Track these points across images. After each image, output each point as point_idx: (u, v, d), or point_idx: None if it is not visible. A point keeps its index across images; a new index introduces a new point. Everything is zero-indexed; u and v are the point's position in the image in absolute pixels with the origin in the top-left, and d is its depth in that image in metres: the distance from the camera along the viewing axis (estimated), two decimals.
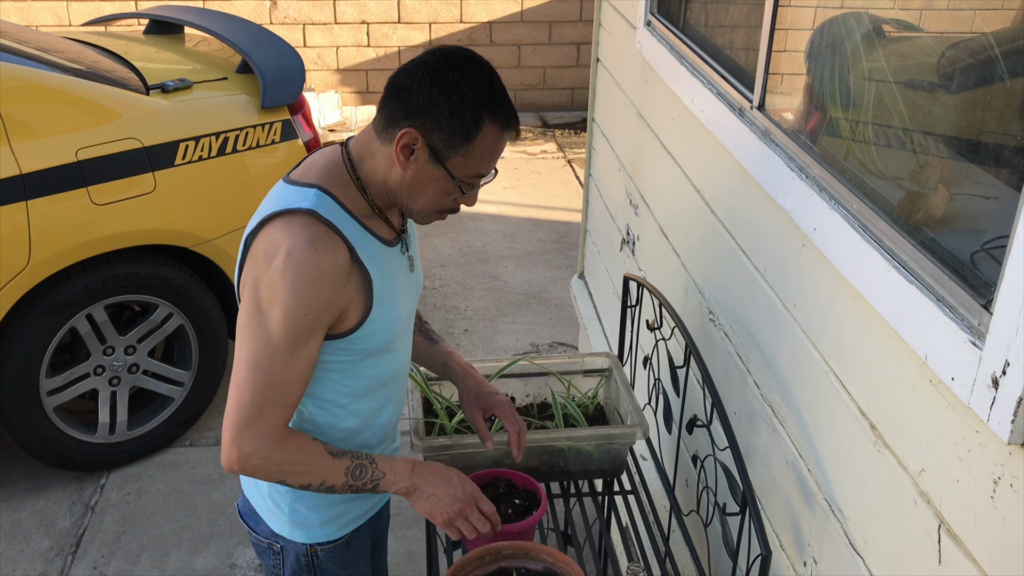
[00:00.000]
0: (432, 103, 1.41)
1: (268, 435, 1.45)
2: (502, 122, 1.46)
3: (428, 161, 1.45)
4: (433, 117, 1.42)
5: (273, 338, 1.43)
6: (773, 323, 1.70)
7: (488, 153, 1.47)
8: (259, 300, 1.43)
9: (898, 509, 1.26)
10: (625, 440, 1.93)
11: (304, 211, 1.44)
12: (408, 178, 1.47)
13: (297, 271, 1.41)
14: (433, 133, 1.43)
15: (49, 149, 2.88)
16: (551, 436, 1.90)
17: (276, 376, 1.44)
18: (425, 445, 1.83)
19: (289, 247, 1.41)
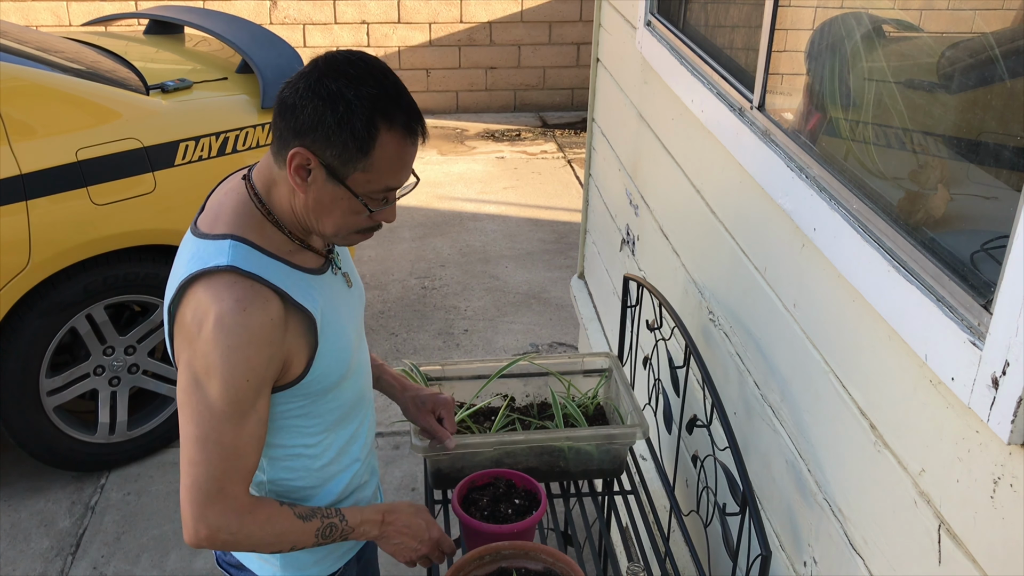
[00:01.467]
0: (318, 117, 1.28)
1: (234, 508, 1.37)
2: (401, 127, 1.31)
3: (327, 181, 1.32)
4: (321, 132, 1.28)
5: (217, 411, 1.34)
6: (773, 323, 1.70)
7: (393, 164, 1.33)
8: (195, 373, 1.33)
9: (898, 509, 1.26)
10: (625, 440, 1.93)
11: (224, 268, 1.32)
12: (311, 201, 1.35)
13: (229, 338, 1.31)
14: (325, 150, 1.29)
15: (49, 149, 2.88)
16: (551, 436, 1.90)
17: (228, 448, 1.36)
18: (425, 445, 1.83)
19: (216, 313, 1.31)
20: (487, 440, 1.89)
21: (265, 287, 1.34)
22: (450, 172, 6.40)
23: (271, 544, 1.43)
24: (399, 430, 3.60)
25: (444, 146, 6.96)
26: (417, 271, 4.93)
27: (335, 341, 1.45)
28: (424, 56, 7.54)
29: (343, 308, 1.51)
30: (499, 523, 1.77)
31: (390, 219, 1.42)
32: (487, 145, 7.00)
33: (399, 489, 3.26)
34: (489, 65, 7.67)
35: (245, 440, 1.37)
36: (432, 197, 5.95)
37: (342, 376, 1.50)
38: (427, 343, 4.23)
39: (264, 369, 1.35)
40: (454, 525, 2.53)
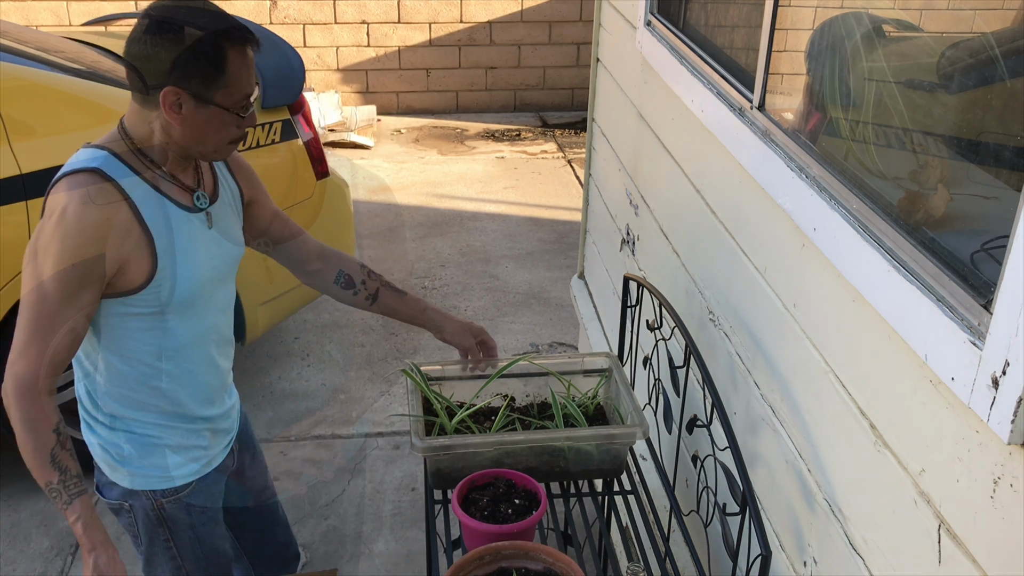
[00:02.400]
0: (174, 58, 1.50)
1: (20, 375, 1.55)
2: (238, 40, 1.54)
3: (197, 107, 1.54)
4: (180, 69, 1.50)
5: (44, 284, 1.53)
6: (773, 323, 1.70)
7: (242, 73, 1.56)
8: (36, 248, 1.54)
9: (898, 509, 1.26)
10: (625, 440, 1.93)
11: (89, 169, 1.55)
12: (188, 129, 1.56)
13: (67, 225, 1.51)
14: (189, 81, 1.51)
15: (49, 149, 2.88)
16: (551, 436, 1.90)
17: (45, 320, 1.53)
18: (425, 445, 1.83)
19: (64, 204, 1.52)
20: (487, 440, 1.89)
21: (118, 193, 1.56)
22: (450, 172, 6.40)
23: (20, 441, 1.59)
24: (399, 430, 3.61)
25: (444, 146, 6.96)
26: (417, 271, 4.93)
27: (181, 269, 1.64)
28: (424, 56, 7.54)
29: (200, 245, 1.68)
30: (499, 523, 1.77)
31: (254, 123, 1.65)
32: (487, 145, 7.00)
33: (399, 489, 3.26)
34: (489, 65, 7.67)
35: (61, 321, 1.54)
36: (432, 197, 5.95)
37: (186, 301, 1.67)
38: (427, 343, 4.23)
39: (93, 261, 1.54)
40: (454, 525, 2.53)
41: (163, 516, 1.80)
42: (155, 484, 1.77)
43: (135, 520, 1.82)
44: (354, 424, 3.65)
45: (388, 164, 6.55)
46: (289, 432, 3.58)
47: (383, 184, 6.17)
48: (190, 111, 1.54)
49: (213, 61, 1.52)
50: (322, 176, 3.59)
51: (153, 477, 1.77)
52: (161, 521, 1.80)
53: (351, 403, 3.78)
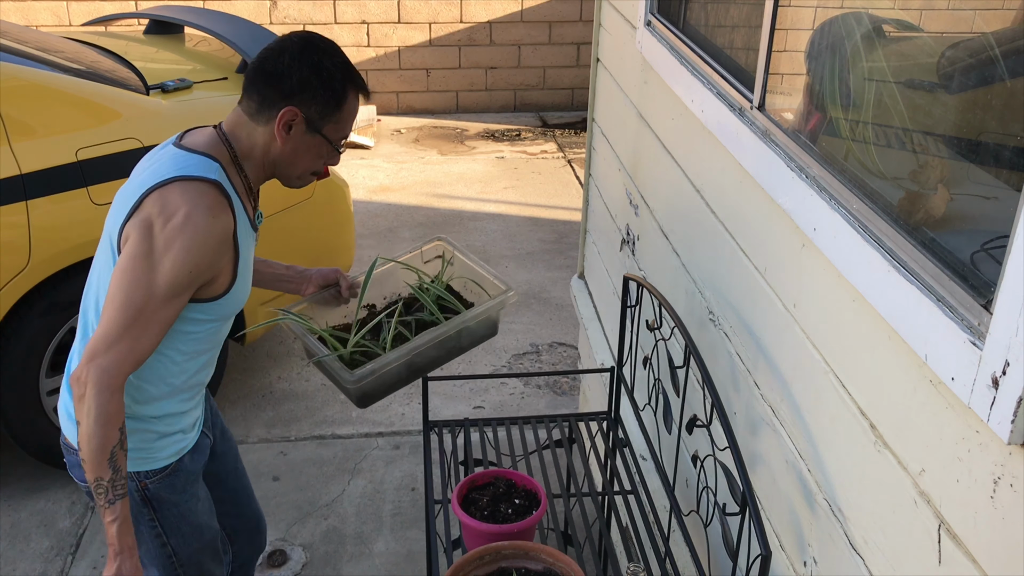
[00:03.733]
0: (305, 82, 1.64)
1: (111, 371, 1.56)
2: (361, 89, 1.74)
3: (306, 132, 1.68)
4: (308, 94, 1.65)
5: (155, 285, 1.58)
6: (773, 323, 1.70)
7: (351, 116, 1.74)
8: (151, 247, 1.58)
9: (898, 509, 1.26)
10: (503, 307, 2.18)
11: (207, 180, 1.62)
12: (288, 149, 1.69)
13: (195, 233, 1.58)
14: (309, 107, 1.66)
15: (49, 149, 2.88)
16: (449, 327, 2.06)
17: (143, 319, 1.58)
18: (356, 377, 1.90)
19: (189, 210, 1.59)
20: (400, 353, 1.98)
21: (230, 210, 1.65)
22: (450, 172, 6.40)
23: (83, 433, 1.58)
24: (399, 430, 3.61)
25: (444, 146, 6.96)
26: None
27: (243, 282, 1.75)
28: (424, 56, 7.55)
29: (250, 259, 1.80)
30: (499, 523, 1.77)
31: (336, 163, 1.80)
32: (487, 145, 7.00)
33: (399, 489, 3.26)
34: (489, 65, 7.67)
35: (156, 322, 1.60)
36: (432, 197, 5.95)
37: (235, 312, 1.79)
38: None
39: (203, 271, 1.63)
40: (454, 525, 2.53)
41: (147, 496, 1.82)
42: (140, 465, 1.79)
43: None
44: (354, 424, 3.65)
45: (388, 164, 6.55)
46: (289, 432, 3.58)
47: (383, 184, 6.17)
48: (299, 134, 1.68)
49: (337, 96, 1.68)
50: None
51: (138, 459, 1.79)
52: (145, 501, 1.82)
53: (351, 403, 3.78)
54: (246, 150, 1.70)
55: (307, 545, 2.98)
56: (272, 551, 2.94)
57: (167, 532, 1.87)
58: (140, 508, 1.82)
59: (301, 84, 1.64)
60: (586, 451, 2.35)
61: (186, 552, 1.91)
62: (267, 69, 1.66)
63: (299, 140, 1.69)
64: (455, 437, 2.39)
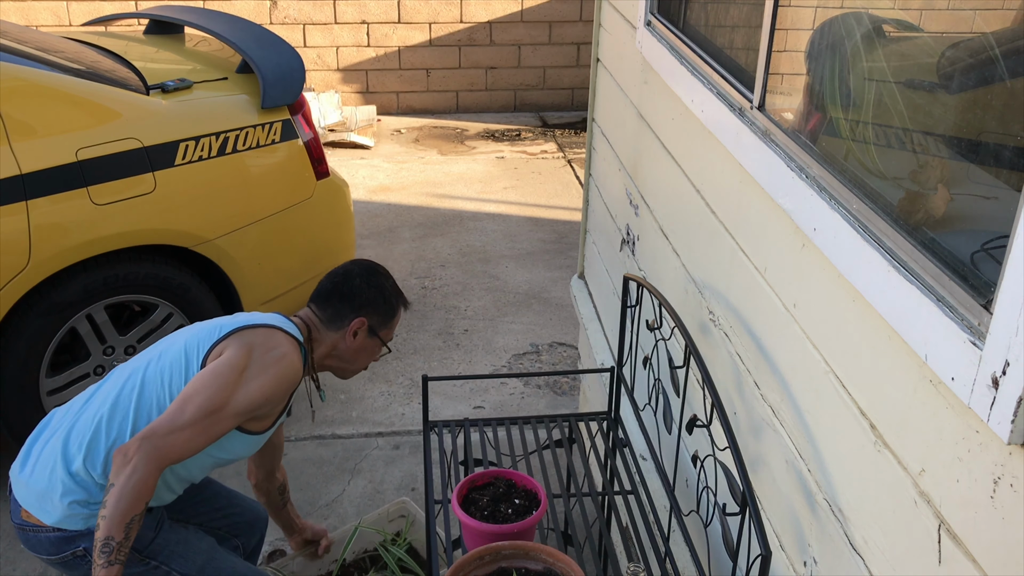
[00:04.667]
0: (372, 300, 2.12)
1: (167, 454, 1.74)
2: (405, 305, 2.23)
3: (367, 336, 2.13)
4: (373, 308, 2.13)
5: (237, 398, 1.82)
6: (773, 323, 1.70)
7: (397, 324, 2.23)
8: (247, 365, 1.85)
9: (898, 509, 1.26)
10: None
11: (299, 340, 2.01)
12: (353, 349, 2.13)
13: (285, 371, 1.90)
14: (373, 317, 2.13)
15: (49, 149, 2.88)
16: None
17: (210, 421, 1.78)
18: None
19: (286, 351, 1.93)
20: None
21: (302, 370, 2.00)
22: (450, 172, 6.40)
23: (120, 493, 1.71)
24: (399, 429, 3.61)
25: (444, 146, 6.96)
26: (417, 271, 4.93)
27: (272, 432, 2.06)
28: (424, 56, 7.54)
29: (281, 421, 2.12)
30: (499, 523, 1.77)
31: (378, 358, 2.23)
32: (487, 145, 7.00)
33: (399, 489, 3.26)
34: (489, 65, 7.67)
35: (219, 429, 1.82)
36: (432, 197, 5.95)
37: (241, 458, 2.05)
38: (427, 343, 4.23)
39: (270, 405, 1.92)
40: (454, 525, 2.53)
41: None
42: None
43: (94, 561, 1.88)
44: (354, 424, 3.65)
45: (388, 164, 6.55)
46: (289, 432, 3.58)
47: (383, 184, 6.17)
48: (362, 337, 2.12)
49: (391, 310, 2.16)
50: (322, 176, 3.59)
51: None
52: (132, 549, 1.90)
53: (351, 403, 3.78)
54: (315, 341, 2.09)
55: None
56: (272, 551, 2.94)
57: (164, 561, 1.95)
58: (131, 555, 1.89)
59: (369, 301, 2.11)
60: (586, 451, 2.35)
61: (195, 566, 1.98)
62: (342, 291, 2.10)
63: (362, 342, 2.12)
64: (455, 437, 2.39)
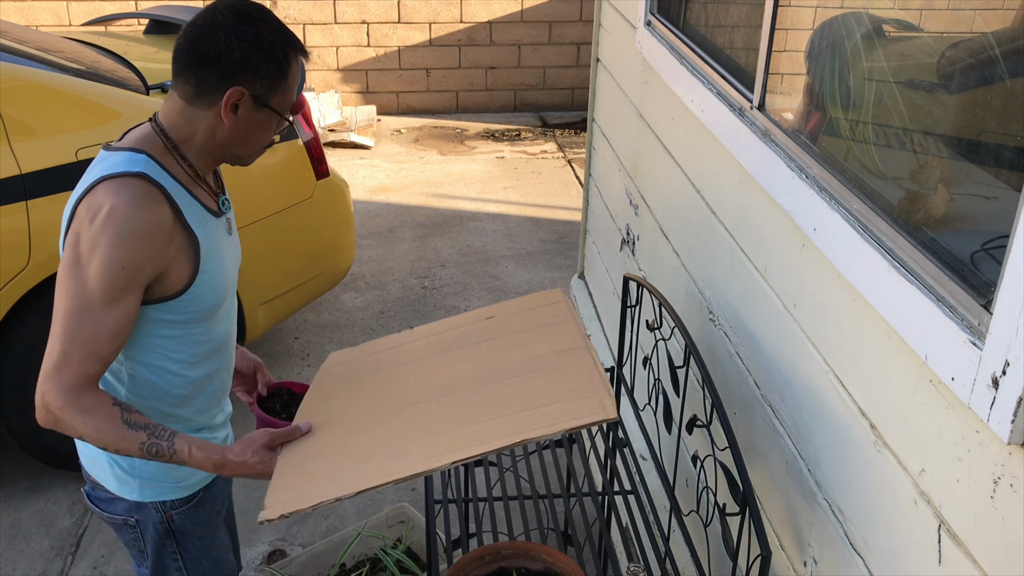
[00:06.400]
0: (247, 58, 1.52)
1: (67, 384, 1.49)
2: (301, 52, 1.61)
3: (254, 109, 1.57)
4: (251, 70, 1.53)
5: (90, 290, 1.49)
6: (773, 323, 1.70)
7: (296, 81, 1.63)
8: (78, 253, 1.49)
9: (898, 509, 1.26)
10: None
11: (133, 174, 1.52)
12: (237, 130, 1.59)
13: (117, 226, 1.48)
14: (254, 84, 1.55)
15: (49, 149, 2.88)
16: None
17: (88, 327, 1.49)
18: None
19: (112, 205, 1.49)
20: None
21: (163, 196, 1.54)
22: (450, 172, 6.40)
23: (90, 437, 1.52)
24: None
25: (444, 146, 6.96)
26: (417, 271, 4.93)
27: (214, 274, 1.64)
28: (424, 56, 7.55)
29: (225, 250, 1.69)
30: None
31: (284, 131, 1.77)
32: (487, 145, 7.00)
33: (399, 489, 3.26)
34: (489, 65, 7.67)
35: (106, 327, 1.51)
36: (432, 197, 5.95)
37: (216, 307, 1.67)
38: None
39: (140, 264, 1.51)
40: (454, 525, 2.53)
41: (172, 528, 1.76)
42: (166, 494, 1.73)
43: (141, 535, 1.77)
44: None
45: (388, 164, 6.55)
46: None
47: (383, 184, 6.17)
48: (246, 112, 1.57)
49: (280, 66, 1.56)
50: (322, 176, 3.59)
51: (165, 487, 1.73)
52: (169, 533, 1.77)
53: None
54: (186, 136, 1.60)
55: (307, 545, 2.98)
56: (272, 551, 2.94)
57: (188, 567, 1.81)
58: (163, 540, 1.77)
59: (243, 61, 1.52)
60: (586, 451, 2.35)
61: None
62: (202, 49, 1.53)
63: (247, 119, 1.58)
64: None
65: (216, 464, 1.59)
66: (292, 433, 1.68)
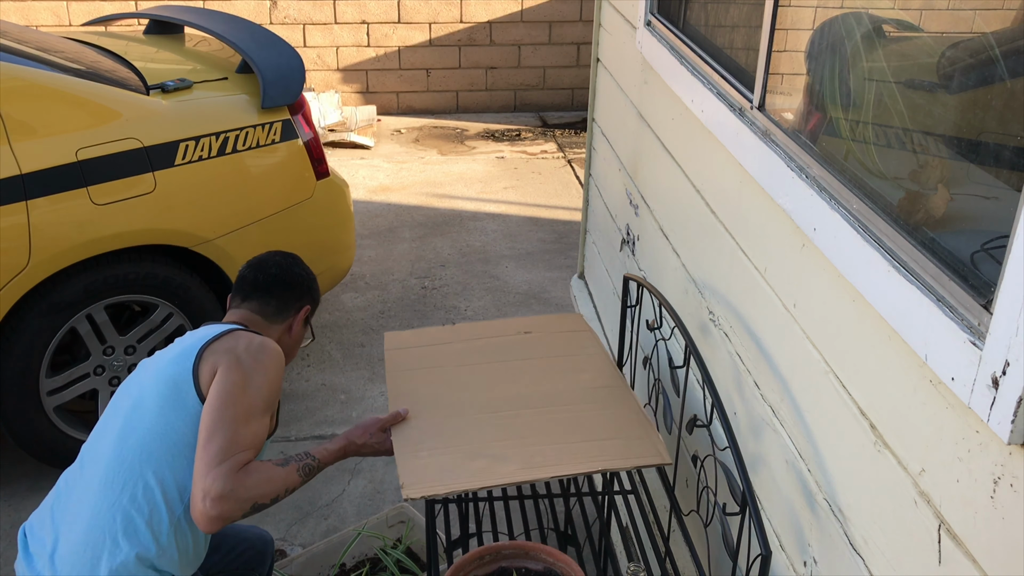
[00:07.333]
0: (311, 285, 2.13)
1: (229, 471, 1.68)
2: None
3: (303, 323, 2.12)
4: (313, 294, 2.13)
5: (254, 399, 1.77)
6: (773, 323, 1.70)
7: None
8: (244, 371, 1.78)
9: (898, 509, 1.26)
10: None
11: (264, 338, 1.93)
12: (295, 337, 2.11)
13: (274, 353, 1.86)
14: (312, 304, 2.13)
15: (49, 149, 2.88)
16: None
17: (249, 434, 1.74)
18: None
19: (264, 340, 1.88)
20: None
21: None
22: (450, 172, 6.40)
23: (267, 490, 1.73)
24: None
25: (444, 146, 6.96)
26: (417, 271, 4.93)
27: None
28: (424, 56, 7.54)
29: None
30: None
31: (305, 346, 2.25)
32: (487, 145, 7.00)
33: (399, 489, 3.26)
34: (489, 65, 7.67)
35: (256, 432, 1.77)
36: (432, 197, 5.95)
37: None
38: None
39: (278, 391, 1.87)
40: (454, 525, 2.53)
41: None
42: None
43: None
44: (354, 424, 3.65)
45: (388, 164, 6.55)
46: (289, 432, 3.58)
47: (383, 184, 6.17)
48: (299, 326, 2.10)
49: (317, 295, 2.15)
50: (322, 176, 3.59)
51: None
52: None
53: (351, 403, 3.78)
54: None
55: (307, 545, 2.98)
56: None
57: None
58: None
59: (310, 288, 2.12)
60: None
61: None
62: (285, 280, 2.06)
63: (300, 329, 2.11)
64: None
65: (346, 450, 1.95)
66: (395, 418, 2.00)
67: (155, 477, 1.75)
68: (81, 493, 1.82)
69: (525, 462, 1.81)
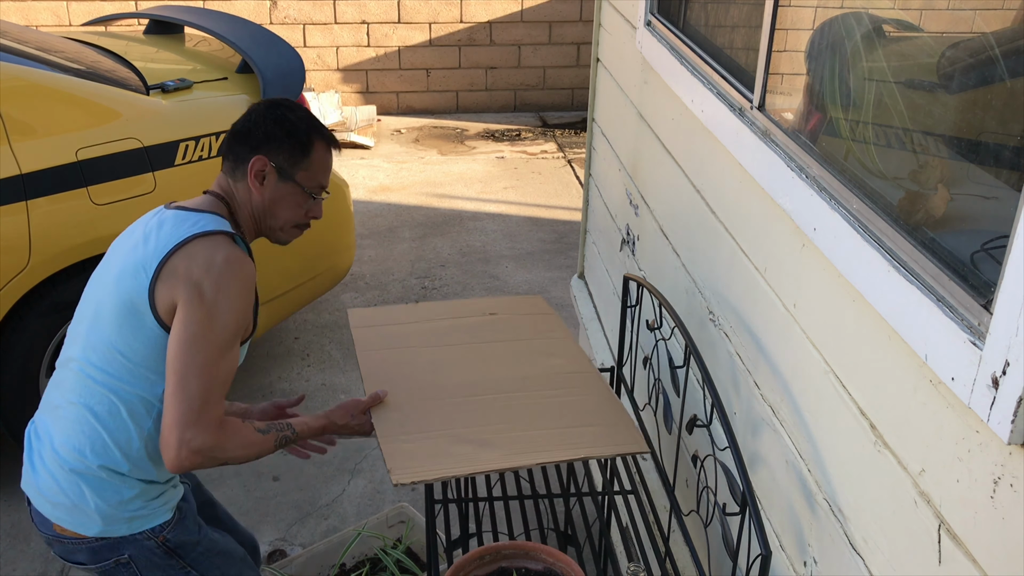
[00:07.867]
0: (269, 133, 1.77)
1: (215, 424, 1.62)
2: (327, 140, 1.83)
3: (279, 181, 1.79)
4: (274, 143, 1.77)
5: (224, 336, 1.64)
6: (773, 323, 1.70)
7: (324, 165, 1.84)
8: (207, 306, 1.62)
9: (898, 509, 1.26)
10: None
11: (225, 232, 1.70)
12: (267, 199, 1.80)
13: (237, 275, 1.65)
14: (277, 155, 1.77)
15: (49, 149, 2.88)
16: None
17: (223, 371, 1.64)
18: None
19: (225, 255, 1.65)
20: None
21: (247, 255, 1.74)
22: (450, 172, 6.40)
23: (238, 456, 1.69)
24: None
25: (444, 146, 6.96)
26: (417, 271, 4.93)
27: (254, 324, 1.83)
28: (424, 56, 7.55)
29: None
30: None
31: (319, 215, 1.87)
32: (487, 145, 7.00)
33: (399, 489, 3.26)
34: (489, 65, 7.67)
35: (233, 365, 1.68)
36: (432, 197, 5.95)
37: None
38: None
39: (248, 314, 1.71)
40: (454, 525, 2.53)
41: (171, 547, 1.80)
42: (151, 522, 1.78)
43: (138, 569, 1.80)
44: None
45: (388, 164, 6.55)
46: None
47: (383, 184, 6.17)
48: (272, 183, 1.78)
49: (302, 143, 1.78)
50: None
51: (153, 514, 1.79)
52: (171, 552, 1.80)
53: None
54: (236, 207, 1.80)
55: (307, 545, 2.98)
56: (272, 551, 2.94)
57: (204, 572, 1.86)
58: (168, 561, 1.81)
59: (266, 135, 1.77)
60: None
61: None
62: (236, 129, 1.81)
63: (274, 189, 1.79)
64: None
65: (325, 428, 1.87)
66: (375, 399, 1.94)
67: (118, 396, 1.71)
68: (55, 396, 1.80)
69: (508, 448, 1.82)
